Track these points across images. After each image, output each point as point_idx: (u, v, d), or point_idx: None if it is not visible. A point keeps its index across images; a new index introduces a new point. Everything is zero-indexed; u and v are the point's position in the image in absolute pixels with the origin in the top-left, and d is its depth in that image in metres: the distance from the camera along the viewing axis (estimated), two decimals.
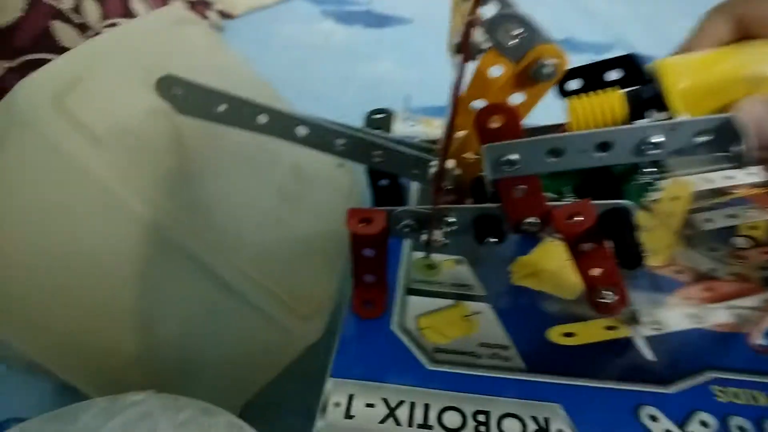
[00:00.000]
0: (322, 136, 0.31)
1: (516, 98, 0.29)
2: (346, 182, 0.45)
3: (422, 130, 0.55)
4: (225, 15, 0.93)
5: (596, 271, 0.30)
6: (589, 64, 0.31)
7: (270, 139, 0.31)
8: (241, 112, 0.30)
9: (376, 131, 0.38)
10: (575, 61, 0.30)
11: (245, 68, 0.43)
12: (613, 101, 0.29)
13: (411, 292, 0.36)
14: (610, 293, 0.31)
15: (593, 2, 1.08)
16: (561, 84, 0.32)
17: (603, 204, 0.28)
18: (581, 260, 0.30)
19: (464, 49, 0.23)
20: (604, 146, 0.26)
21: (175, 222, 0.29)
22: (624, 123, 0.28)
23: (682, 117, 0.27)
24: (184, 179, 0.31)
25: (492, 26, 0.26)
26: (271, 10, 0.98)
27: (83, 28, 0.65)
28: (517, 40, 0.26)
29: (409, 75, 0.80)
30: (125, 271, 0.29)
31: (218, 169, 0.34)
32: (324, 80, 0.77)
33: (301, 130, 0.30)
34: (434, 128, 0.55)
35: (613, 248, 0.29)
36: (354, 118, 0.39)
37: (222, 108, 0.30)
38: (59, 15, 0.62)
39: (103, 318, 0.30)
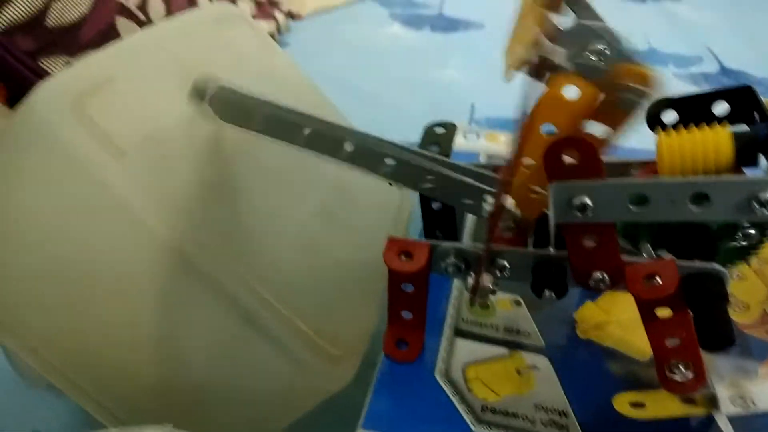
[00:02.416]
0: (368, 156, 0.27)
1: (592, 127, 0.24)
2: (395, 202, 0.42)
3: (485, 145, 0.51)
4: (293, 15, 0.92)
5: (671, 342, 0.25)
6: (689, 96, 0.26)
7: None
8: (281, 125, 0.27)
9: (431, 149, 0.34)
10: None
11: (295, 73, 0.40)
12: (716, 141, 0.23)
13: (460, 333, 0.32)
14: (685, 369, 0.26)
15: (678, 7, 1.01)
16: (651, 115, 0.27)
17: (689, 266, 0.24)
18: (654, 327, 0.25)
19: (533, 66, 0.19)
20: (701, 198, 0.21)
21: (199, 245, 0.27)
22: (728, 170, 0.23)
23: None
24: (213, 197, 0.29)
25: (567, 39, 0.22)
26: (339, 11, 0.96)
27: (147, 26, 0.64)
28: (595, 58, 0.22)
29: (476, 83, 0.76)
30: (144, 293, 0.27)
31: (253, 185, 0.31)
32: (387, 85, 0.74)
33: (347, 147, 0.27)
34: (499, 144, 0.51)
35: (694, 320, 0.24)
36: (416, 126, 0.36)
37: (261, 118, 0.27)
38: (124, 11, 0.62)
39: (118, 341, 0.28)
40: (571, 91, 0.25)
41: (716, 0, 1.05)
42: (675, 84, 0.73)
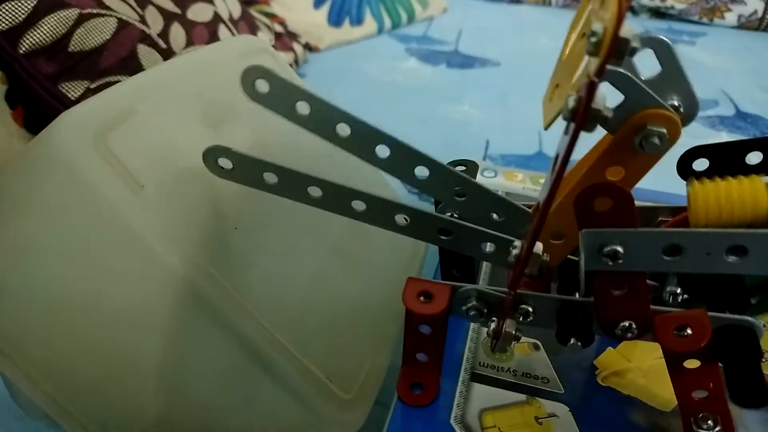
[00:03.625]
0: (381, 212, 0.27)
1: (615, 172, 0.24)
2: (410, 240, 0.41)
3: (502, 182, 0.51)
4: (311, 48, 0.93)
5: (698, 394, 0.25)
6: (722, 144, 0.26)
7: None
8: (291, 185, 0.26)
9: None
10: None
11: None
12: (753, 191, 0.23)
13: (476, 378, 0.31)
14: (713, 423, 0.25)
15: (692, 51, 1.01)
16: (683, 163, 0.26)
17: (720, 317, 0.23)
18: (681, 378, 0.24)
19: (579, 116, 0.18)
20: (738, 251, 0.20)
21: (212, 281, 0.26)
22: (764, 222, 0.22)
23: None
24: (229, 233, 0.28)
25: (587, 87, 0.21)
26: (356, 45, 0.97)
27: (167, 54, 0.64)
28: (613, 106, 0.21)
29: (491, 119, 0.76)
30: (153, 327, 0.26)
31: (268, 222, 0.31)
32: (402, 119, 0.74)
33: (358, 206, 0.27)
34: (516, 182, 0.51)
35: (724, 373, 0.23)
36: None
37: (273, 180, 0.27)
38: (146, 39, 0.62)
39: (122, 376, 0.27)
40: None
41: (730, 44, 1.06)
42: (692, 127, 0.73)
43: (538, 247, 0.22)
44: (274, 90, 0.25)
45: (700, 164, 0.26)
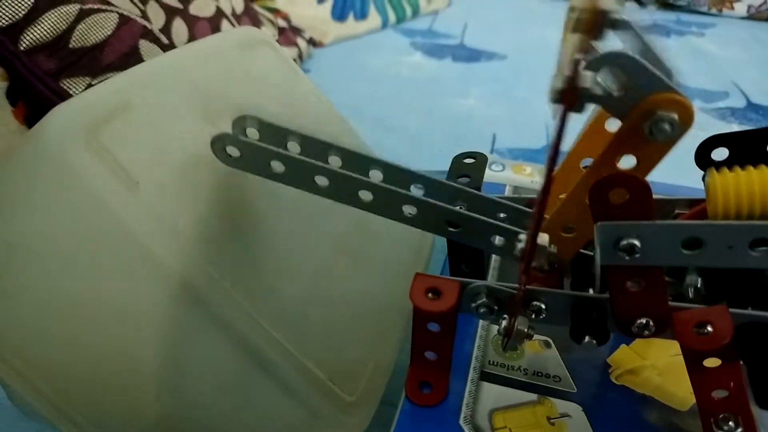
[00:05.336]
0: (388, 203, 0.26)
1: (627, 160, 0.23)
2: (416, 233, 0.40)
3: (510, 176, 0.50)
4: (315, 43, 0.92)
5: (718, 393, 0.24)
6: (742, 132, 0.25)
7: None
8: (299, 172, 0.26)
9: (460, 181, 0.33)
10: None
11: (319, 99, 0.39)
12: None
13: (486, 377, 0.31)
14: (734, 424, 0.24)
15: (702, 42, 1.00)
16: (701, 152, 0.25)
17: (743, 314, 0.22)
18: (701, 378, 0.23)
19: (567, 96, 0.17)
20: (762, 244, 0.19)
21: (209, 281, 0.25)
22: None
23: None
24: (226, 230, 0.27)
25: (594, 70, 0.20)
26: (361, 39, 0.96)
27: (169, 50, 0.64)
28: (622, 90, 0.20)
29: (497, 113, 0.75)
30: (150, 329, 0.25)
31: (268, 219, 0.30)
32: (408, 114, 0.73)
33: (366, 195, 0.26)
34: (525, 175, 0.50)
35: (746, 372, 0.22)
36: (437, 155, 0.34)
37: (280, 168, 0.26)
38: (148, 34, 0.61)
39: (121, 377, 0.27)
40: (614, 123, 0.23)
41: (740, 35, 1.04)
42: (702, 119, 0.71)
43: (544, 239, 0.21)
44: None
45: (719, 155, 0.25)
